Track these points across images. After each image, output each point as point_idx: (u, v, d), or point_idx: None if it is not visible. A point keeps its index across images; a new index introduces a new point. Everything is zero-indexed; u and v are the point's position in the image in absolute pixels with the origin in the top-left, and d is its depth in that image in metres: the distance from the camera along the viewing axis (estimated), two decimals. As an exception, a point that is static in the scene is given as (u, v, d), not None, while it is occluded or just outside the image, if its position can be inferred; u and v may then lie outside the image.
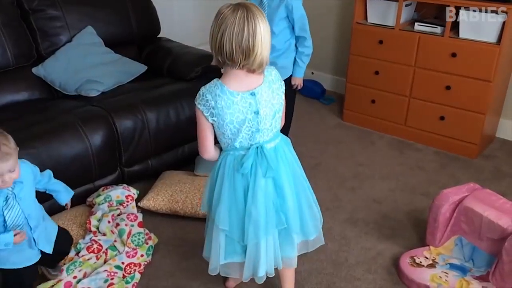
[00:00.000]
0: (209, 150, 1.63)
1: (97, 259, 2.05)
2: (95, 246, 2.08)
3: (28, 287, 1.80)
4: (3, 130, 1.52)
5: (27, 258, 1.71)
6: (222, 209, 1.60)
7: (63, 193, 1.86)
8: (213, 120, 1.54)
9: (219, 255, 1.66)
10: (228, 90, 1.50)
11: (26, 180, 1.63)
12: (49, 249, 1.76)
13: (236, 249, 1.66)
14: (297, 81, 2.59)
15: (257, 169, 1.55)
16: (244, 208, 1.58)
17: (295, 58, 2.53)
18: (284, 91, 1.61)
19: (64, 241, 1.90)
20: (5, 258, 1.65)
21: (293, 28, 2.45)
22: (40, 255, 1.75)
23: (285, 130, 2.65)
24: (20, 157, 2.04)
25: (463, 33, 2.82)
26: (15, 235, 1.57)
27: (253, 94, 1.51)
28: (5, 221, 1.56)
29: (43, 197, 1.84)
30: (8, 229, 1.58)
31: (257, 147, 1.56)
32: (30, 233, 1.66)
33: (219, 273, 1.75)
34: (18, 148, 1.54)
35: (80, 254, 2.05)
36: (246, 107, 1.51)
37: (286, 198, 1.61)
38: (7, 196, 1.56)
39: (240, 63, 1.46)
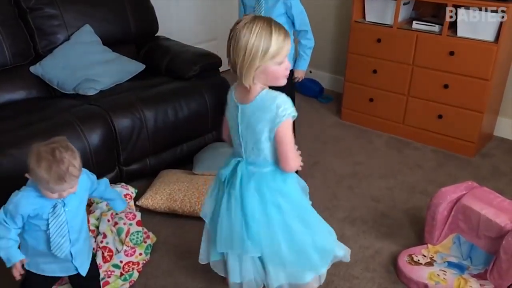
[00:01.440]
0: (223, 136, 1.72)
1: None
2: (106, 254, 2.01)
3: None
4: (69, 144, 1.45)
5: (59, 269, 1.62)
6: (207, 200, 1.68)
7: (118, 201, 1.83)
8: (226, 113, 1.61)
9: (205, 247, 1.74)
10: (231, 93, 1.54)
11: (80, 190, 1.55)
12: (84, 270, 1.65)
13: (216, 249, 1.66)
14: (300, 74, 2.61)
15: (231, 182, 1.55)
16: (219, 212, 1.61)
17: (298, 52, 2.55)
18: (275, 129, 1.44)
19: (93, 269, 1.75)
20: (37, 263, 1.59)
21: (292, 23, 2.47)
22: (71, 272, 1.65)
23: None
24: (19, 156, 2.06)
25: (461, 31, 2.82)
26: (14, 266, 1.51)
27: (237, 107, 1.50)
28: (48, 228, 1.50)
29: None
30: (50, 237, 1.50)
31: (239, 161, 1.55)
32: (69, 246, 1.57)
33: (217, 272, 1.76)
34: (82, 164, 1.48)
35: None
36: (234, 116, 1.53)
37: (251, 229, 1.52)
38: (55, 203, 1.50)
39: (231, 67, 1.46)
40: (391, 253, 2.18)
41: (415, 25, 2.99)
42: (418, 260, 2.06)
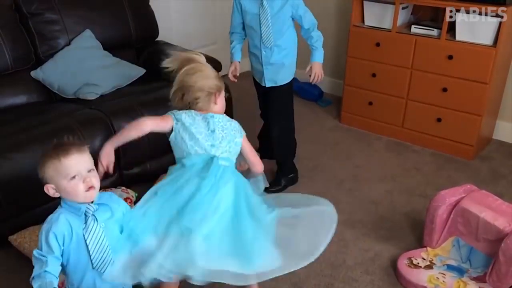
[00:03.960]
0: None
1: None
2: None
3: None
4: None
5: None
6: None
7: None
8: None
9: None
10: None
11: (114, 209, 1.49)
12: None
13: None
14: (318, 68, 2.45)
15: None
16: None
17: (311, 47, 2.47)
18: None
19: None
20: None
21: (295, 24, 2.47)
22: None
23: (288, 139, 2.66)
24: (20, 160, 2.06)
25: (460, 35, 2.84)
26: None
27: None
28: (87, 245, 1.41)
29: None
30: (91, 256, 1.42)
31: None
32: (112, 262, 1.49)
33: None
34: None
35: None
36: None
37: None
38: (86, 214, 1.41)
39: None
40: (390, 256, 2.19)
41: (414, 29, 3.00)
42: (418, 263, 2.07)
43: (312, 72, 2.47)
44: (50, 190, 1.41)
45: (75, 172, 1.38)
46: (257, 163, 1.86)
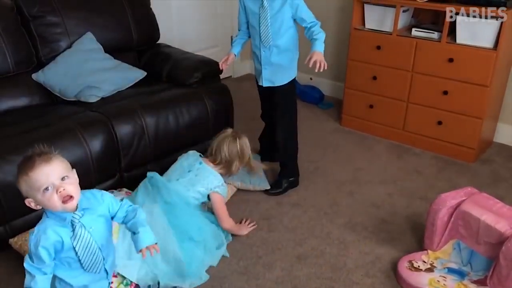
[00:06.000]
0: None
1: None
2: None
3: None
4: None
5: None
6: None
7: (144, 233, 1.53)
8: None
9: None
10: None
11: (100, 209, 1.48)
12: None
13: None
14: (318, 55, 2.24)
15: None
16: None
17: (312, 39, 2.36)
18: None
19: None
20: None
21: (296, 23, 2.45)
22: None
23: (290, 142, 2.66)
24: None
25: (460, 38, 2.84)
26: None
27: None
28: (76, 253, 1.42)
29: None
30: (80, 259, 1.43)
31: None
32: (103, 263, 1.50)
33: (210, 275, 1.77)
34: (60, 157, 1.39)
35: None
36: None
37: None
38: (72, 223, 1.40)
39: None
40: (391, 258, 2.19)
41: (415, 32, 3.01)
42: (418, 266, 2.06)
43: (311, 61, 2.25)
44: (31, 204, 1.37)
45: (46, 184, 1.32)
46: (223, 220, 2.26)
